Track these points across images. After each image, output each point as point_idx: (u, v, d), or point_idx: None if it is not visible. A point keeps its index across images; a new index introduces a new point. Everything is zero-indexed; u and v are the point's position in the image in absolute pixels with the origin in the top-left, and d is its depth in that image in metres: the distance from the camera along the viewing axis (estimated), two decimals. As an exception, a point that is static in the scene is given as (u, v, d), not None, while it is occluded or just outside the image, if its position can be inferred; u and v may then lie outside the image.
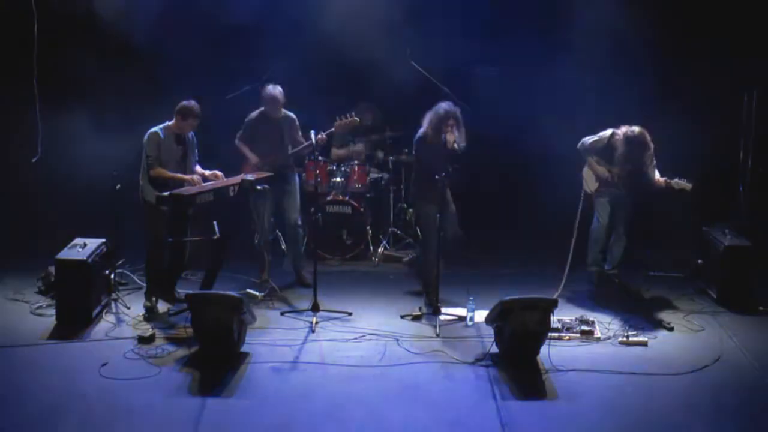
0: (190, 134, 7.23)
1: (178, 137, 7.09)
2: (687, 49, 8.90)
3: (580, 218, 7.73)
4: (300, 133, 7.88)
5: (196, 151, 7.33)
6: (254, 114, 7.86)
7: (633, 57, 8.87)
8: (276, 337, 6.65)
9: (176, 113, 7.05)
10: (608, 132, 7.55)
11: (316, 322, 6.90)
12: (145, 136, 7.02)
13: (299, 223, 7.93)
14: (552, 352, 6.27)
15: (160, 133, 7.02)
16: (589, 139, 7.66)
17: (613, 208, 7.75)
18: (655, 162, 7.46)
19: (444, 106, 7.39)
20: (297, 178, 8.03)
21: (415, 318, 7.11)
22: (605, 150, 7.58)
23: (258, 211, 7.74)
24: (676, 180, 7.24)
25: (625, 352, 6.52)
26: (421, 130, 7.42)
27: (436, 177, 7.18)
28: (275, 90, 7.71)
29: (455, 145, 7.19)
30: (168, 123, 7.09)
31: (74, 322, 6.76)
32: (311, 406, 5.57)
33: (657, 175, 7.45)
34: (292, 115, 7.83)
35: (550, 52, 8.78)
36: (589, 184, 7.77)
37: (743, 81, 9.04)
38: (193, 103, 7.06)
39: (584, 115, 7.77)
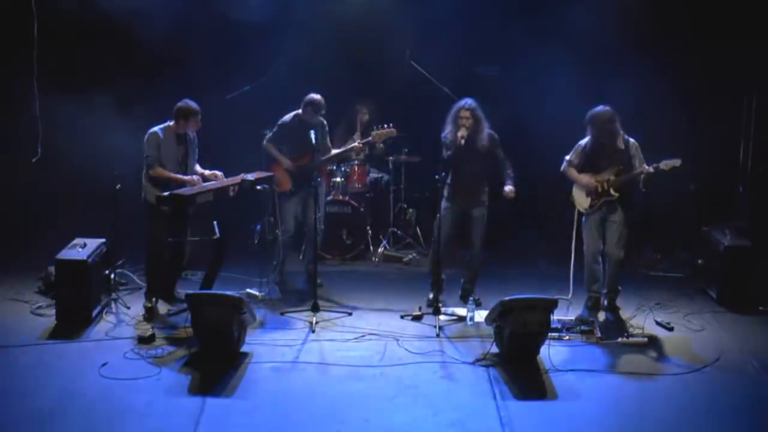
0: (192, 134, 7.23)
1: (179, 137, 7.09)
2: (687, 49, 8.90)
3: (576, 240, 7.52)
4: (328, 138, 7.89)
5: (197, 150, 7.33)
6: (288, 117, 7.81)
7: (632, 57, 8.87)
8: (276, 337, 6.65)
9: (177, 115, 7.03)
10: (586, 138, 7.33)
11: (316, 322, 6.90)
12: (145, 137, 7.02)
13: (322, 227, 7.90)
14: (552, 352, 6.27)
15: (160, 134, 7.01)
16: (568, 155, 7.36)
17: (603, 230, 7.24)
18: (643, 164, 7.11)
19: (461, 101, 7.37)
20: (323, 184, 7.95)
21: (415, 318, 7.11)
22: (589, 157, 7.29)
23: (282, 210, 7.79)
24: (664, 162, 6.89)
25: (625, 352, 6.52)
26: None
27: (436, 177, 7.23)
28: (318, 96, 7.66)
29: (462, 140, 7.18)
30: (168, 123, 7.08)
31: (74, 322, 6.76)
32: (311, 406, 5.57)
33: (644, 167, 7.05)
34: (323, 120, 7.80)
35: (550, 53, 8.79)
36: (581, 202, 7.35)
37: (743, 81, 9.05)
38: (190, 102, 7.06)
39: (583, 114, 7.76)
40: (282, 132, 7.83)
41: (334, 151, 7.87)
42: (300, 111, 7.73)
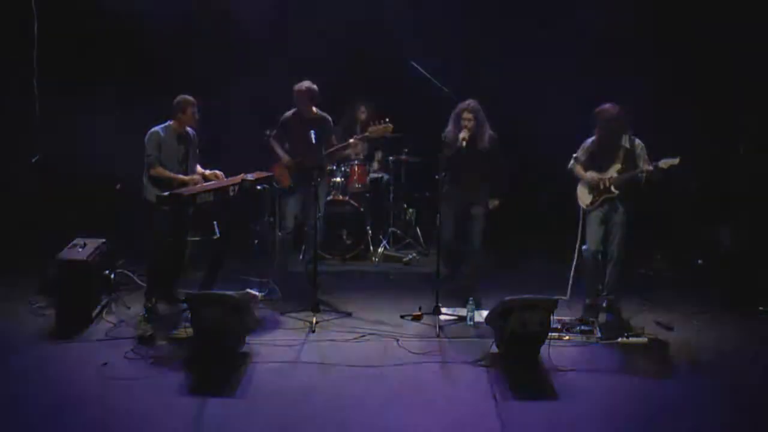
0: (192, 133, 7.24)
1: (179, 136, 7.11)
2: (687, 48, 8.91)
3: (581, 238, 7.46)
4: (333, 136, 7.84)
5: (198, 150, 7.33)
6: (288, 113, 7.80)
7: (632, 57, 8.88)
8: (276, 337, 6.65)
9: (175, 110, 7.05)
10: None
11: (316, 322, 6.90)
12: (146, 136, 7.04)
13: (319, 226, 7.90)
14: (552, 352, 6.27)
15: (161, 133, 7.03)
16: (576, 153, 7.36)
17: (606, 227, 7.21)
18: (647, 160, 7.12)
19: (464, 101, 7.43)
20: (324, 182, 7.93)
21: (415, 318, 7.11)
22: (595, 154, 7.29)
23: (282, 207, 7.76)
24: (663, 160, 6.89)
25: (625, 352, 6.52)
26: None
27: (436, 177, 7.26)
28: (302, 85, 7.62)
29: (463, 142, 7.24)
30: (169, 122, 7.09)
31: (74, 322, 6.76)
32: (311, 406, 5.57)
33: (644, 165, 7.05)
34: (327, 116, 7.77)
35: (550, 53, 8.80)
36: (583, 198, 7.33)
37: (744, 81, 9.05)
38: (184, 95, 7.08)
39: (583, 114, 7.76)
40: (282, 127, 7.83)
41: (333, 148, 7.85)
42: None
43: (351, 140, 7.75)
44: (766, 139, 8.93)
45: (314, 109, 7.70)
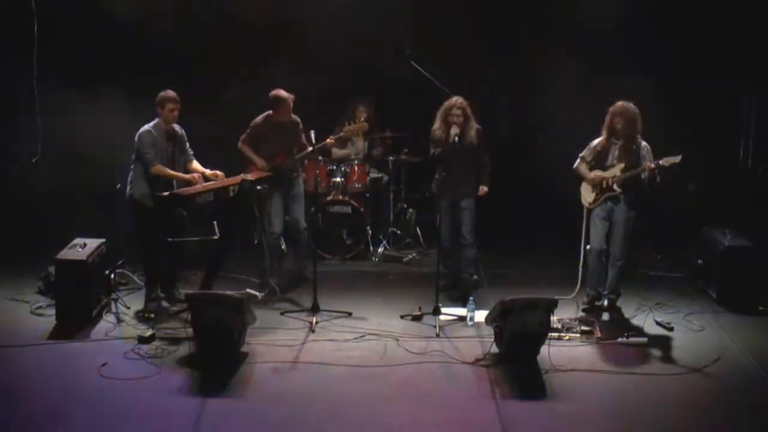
0: (180, 129, 7.24)
1: (167, 134, 7.12)
2: (687, 48, 8.91)
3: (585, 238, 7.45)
4: (303, 137, 7.85)
5: (188, 145, 7.32)
6: (260, 118, 7.78)
7: (632, 57, 8.88)
8: (276, 337, 6.65)
9: (156, 106, 7.06)
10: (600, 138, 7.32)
11: (316, 322, 6.90)
12: (137, 136, 7.03)
13: (305, 226, 7.90)
14: (552, 352, 6.27)
15: (153, 131, 7.05)
16: (582, 152, 7.35)
17: (608, 226, 7.23)
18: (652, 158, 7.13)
19: (453, 98, 7.51)
20: (302, 183, 7.96)
21: (415, 318, 7.11)
22: (601, 153, 7.29)
23: (263, 211, 7.72)
24: (665, 159, 6.90)
25: (625, 352, 6.52)
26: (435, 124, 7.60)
27: (436, 177, 7.28)
28: (287, 94, 7.64)
29: (455, 138, 7.28)
30: (157, 121, 7.10)
31: (74, 322, 6.76)
32: (311, 406, 5.57)
33: (646, 163, 7.06)
34: (297, 118, 7.78)
35: (549, 51, 8.80)
36: (586, 197, 7.33)
37: (743, 80, 9.05)
38: (167, 91, 7.08)
39: (583, 114, 7.76)
40: (254, 133, 7.81)
41: (309, 149, 7.84)
42: (271, 111, 7.71)
43: (328, 140, 7.80)
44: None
45: None
